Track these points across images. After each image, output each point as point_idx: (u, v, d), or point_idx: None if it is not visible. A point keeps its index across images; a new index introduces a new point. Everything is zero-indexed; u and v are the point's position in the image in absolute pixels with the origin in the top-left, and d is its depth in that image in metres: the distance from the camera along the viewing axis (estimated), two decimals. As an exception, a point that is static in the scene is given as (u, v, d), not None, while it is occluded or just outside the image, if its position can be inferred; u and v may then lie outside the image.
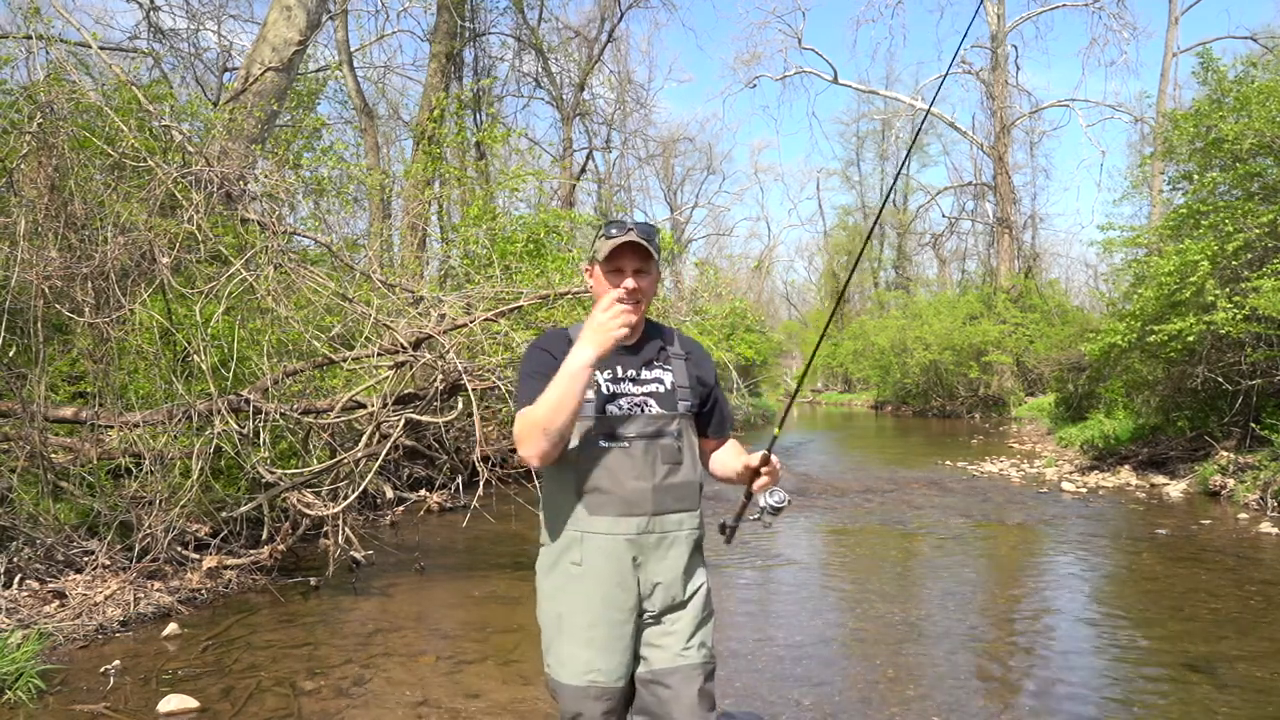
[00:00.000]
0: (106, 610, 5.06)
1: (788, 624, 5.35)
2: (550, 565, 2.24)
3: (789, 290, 61.85)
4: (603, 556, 2.16)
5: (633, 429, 2.18)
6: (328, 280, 6.44)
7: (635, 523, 2.16)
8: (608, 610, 2.16)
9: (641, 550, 2.17)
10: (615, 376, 2.23)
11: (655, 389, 2.25)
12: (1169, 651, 4.79)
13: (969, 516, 9.19)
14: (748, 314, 27.17)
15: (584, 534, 2.18)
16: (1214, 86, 11.44)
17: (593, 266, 2.28)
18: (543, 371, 2.15)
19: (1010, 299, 28.85)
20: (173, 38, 16.22)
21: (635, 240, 2.17)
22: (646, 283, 2.23)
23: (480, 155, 17.41)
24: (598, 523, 2.16)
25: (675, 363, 2.31)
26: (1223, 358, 10.60)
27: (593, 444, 2.17)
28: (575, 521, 2.18)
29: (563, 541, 2.21)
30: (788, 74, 36.29)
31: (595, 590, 2.16)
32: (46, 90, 5.87)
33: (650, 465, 2.18)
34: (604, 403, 2.19)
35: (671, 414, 2.24)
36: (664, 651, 2.18)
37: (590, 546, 2.17)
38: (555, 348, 2.20)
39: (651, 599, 2.19)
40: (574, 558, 2.19)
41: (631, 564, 2.17)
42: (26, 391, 5.62)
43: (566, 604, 2.19)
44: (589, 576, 2.17)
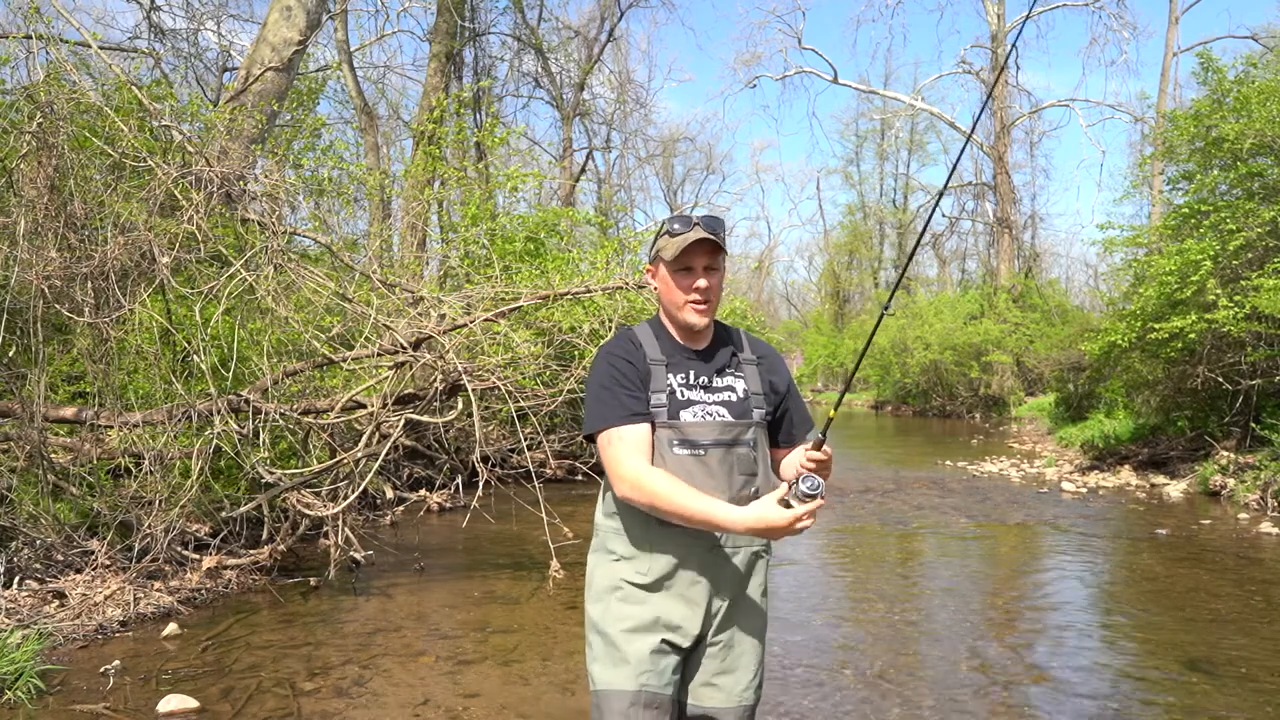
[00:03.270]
0: (106, 610, 5.06)
1: (788, 624, 5.35)
2: (610, 570, 2.12)
3: (789, 290, 61.90)
4: (672, 569, 2.06)
5: (708, 437, 2.07)
6: (328, 280, 6.43)
7: (708, 540, 2.06)
8: (668, 619, 2.05)
9: (715, 566, 2.07)
10: (688, 382, 2.11)
11: (728, 397, 2.13)
12: (1169, 651, 4.79)
13: (969, 516, 9.19)
14: (748, 314, 27.17)
15: (656, 546, 2.06)
16: (1214, 86, 11.43)
17: (656, 266, 2.15)
18: (627, 380, 2.05)
19: (1011, 299, 28.84)
20: (173, 38, 16.25)
21: (706, 236, 2.05)
22: (716, 280, 2.11)
23: (480, 155, 17.40)
24: (672, 535, 2.05)
25: (747, 369, 2.19)
26: (1223, 357, 10.59)
27: (667, 451, 2.05)
28: (645, 531, 2.07)
29: (627, 549, 2.10)
30: (788, 74, 36.31)
31: (654, 599, 2.06)
32: (46, 90, 5.87)
33: (727, 476, 2.07)
34: (678, 408, 2.07)
35: (746, 423, 2.12)
36: (722, 692, 2.09)
37: (660, 560, 2.06)
38: (631, 355, 2.10)
39: (715, 617, 2.09)
40: (640, 567, 2.08)
41: (700, 580, 2.07)
42: (26, 391, 5.62)
43: (625, 608, 2.06)
44: (656, 589, 2.06)
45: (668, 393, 2.08)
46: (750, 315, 31.18)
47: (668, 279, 2.11)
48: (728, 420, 2.10)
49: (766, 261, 56.47)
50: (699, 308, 2.10)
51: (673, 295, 2.11)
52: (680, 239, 2.06)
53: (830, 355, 43.76)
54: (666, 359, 2.11)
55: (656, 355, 2.11)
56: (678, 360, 2.12)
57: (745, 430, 2.11)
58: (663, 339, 2.16)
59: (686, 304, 2.10)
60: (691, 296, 2.09)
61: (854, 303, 49.77)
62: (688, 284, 2.09)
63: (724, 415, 2.10)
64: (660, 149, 41.74)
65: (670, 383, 2.09)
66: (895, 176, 49.34)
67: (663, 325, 2.19)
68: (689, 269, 2.09)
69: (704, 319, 2.11)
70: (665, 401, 2.07)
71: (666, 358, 2.12)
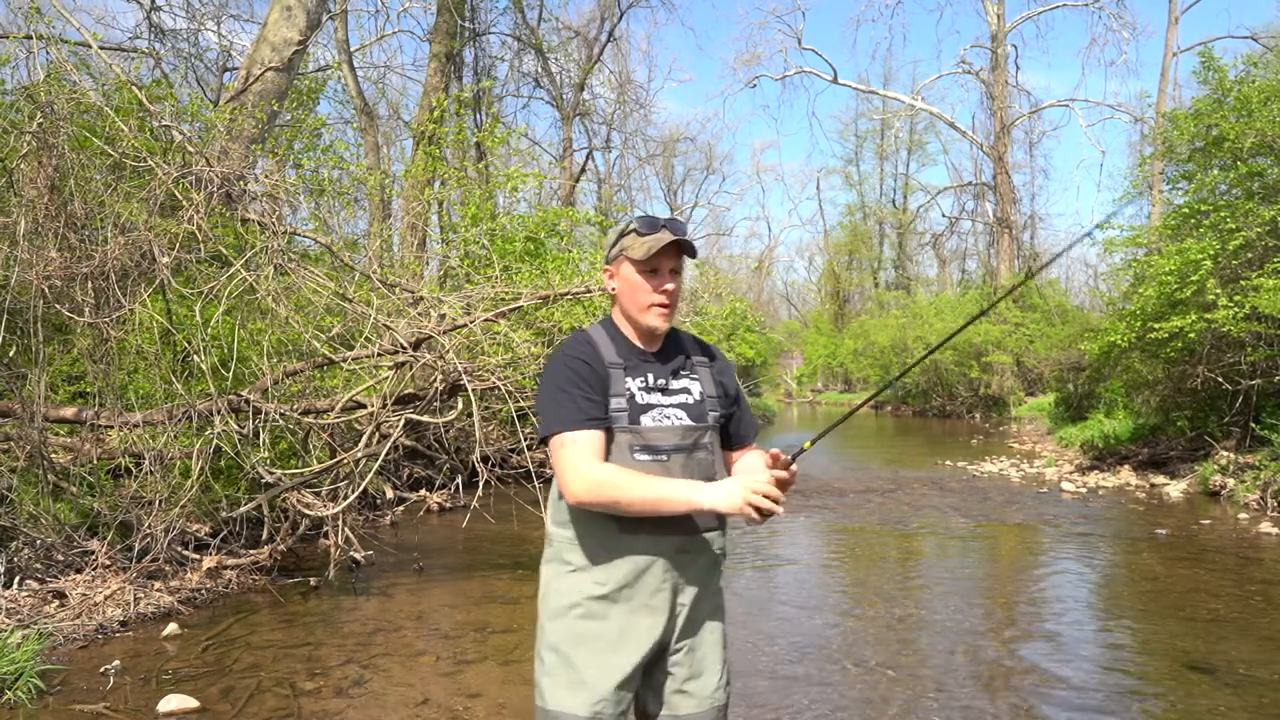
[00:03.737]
0: (106, 610, 5.06)
1: (788, 624, 5.35)
2: (567, 583, 2.05)
3: (789, 290, 61.89)
4: (633, 577, 2.01)
5: (669, 442, 2.03)
6: (328, 280, 6.44)
7: (674, 542, 2.02)
8: (627, 634, 2.00)
9: (678, 571, 2.04)
10: (647, 385, 2.07)
11: (684, 400, 2.10)
12: (1169, 651, 4.79)
13: (969, 516, 9.19)
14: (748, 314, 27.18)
15: (616, 553, 2.01)
16: (1215, 86, 11.43)
17: (616, 266, 2.11)
18: (585, 383, 2.00)
19: (1011, 298, 28.84)
20: (173, 38, 16.24)
21: (679, 239, 2.03)
22: (678, 283, 2.09)
23: (480, 156, 17.41)
24: (634, 542, 2.00)
25: (701, 371, 2.16)
26: (1223, 357, 10.59)
27: (627, 457, 2.00)
28: (606, 538, 2.01)
29: (584, 558, 2.04)
30: (788, 74, 36.36)
31: (620, 612, 2.01)
32: (46, 90, 5.87)
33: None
34: (638, 413, 2.03)
35: (704, 426, 2.10)
36: (694, 699, 2.06)
37: (620, 567, 2.01)
38: (590, 357, 2.04)
39: (677, 623, 2.06)
40: (599, 577, 2.01)
41: (664, 586, 2.03)
42: (26, 391, 5.62)
43: (584, 624, 2.01)
44: (617, 599, 2.01)
45: (627, 397, 2.03)
46: (750, 315, 31.21)
47: (632, 280, 2.06)
48: (687, 424, 2.07)
49: (766, 261, 56.50)
50: (664, 311, 2.06)
51: (636, 297, 2.06)
52: (651, 239, 2.02)
53: (830, 355, 43.75)
54: (624, 362, 2.07)
55: (614, 358, 2.06)
56: (635, 363, 2.08)
57: (704, 434, 2.09)
58: (619, 341, 2.11)
59: (651, 306, 2.05)
60: (657, 299, 2.05)
61: (854, 303, 49.78)
62: (654, 285, 2.04)
63: (683, 418, 2.07)
64: (660, 149, 41.75)
65: (629, 387, 2.05)
66: (895, 176, 49.42)
67: (617, 327, 2.14)
68: (655, 271, 2.05)
69: (667, 323, 2.07)
70: (625, 406, 2.02)
71: (624, 360, 2.07)
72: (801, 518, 9.24)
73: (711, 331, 15.17)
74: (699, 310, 11.19)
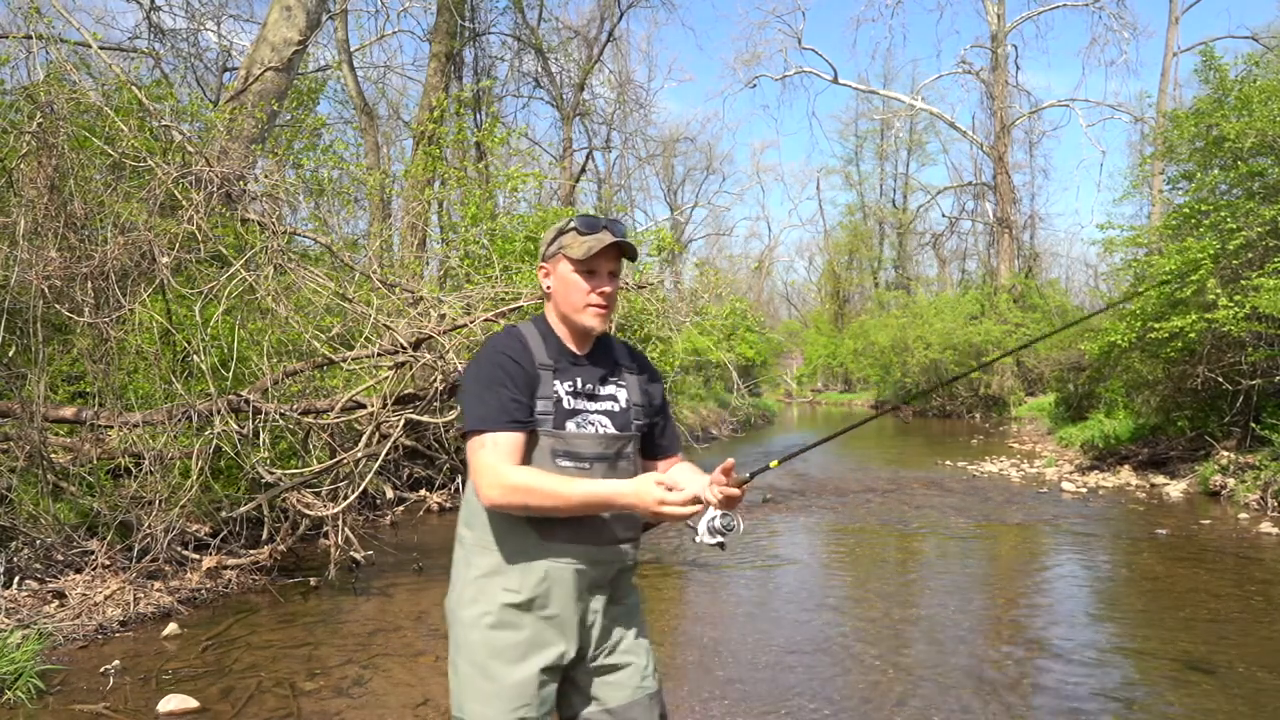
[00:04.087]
0: (106, 610, 5.06)
1: (788, 624, 5.35)
2: (475, 589, 2.00)
3: (789, 290, 61.86)
4: (546, 584, 1.96)
5: (592, 450, 2.00)
6: (328, 280, 6.44)
7: (588, 552, 1.99)
8: (541, 642, 1.96)
9: (590, 580, 2.00)
10: (575, 390, 2.03)
11: (610, 407, 2.06)
12: (1169, 651, 4.79)
13: (969, 516, 9.19)
14: (748, 314, 27.19)
15: (530, 559, 1.97)
16: (1216, 85, 11.43)
17: (554, 264, 2.06)
18: (513, 383, 1.95)
19: (1011, 299, 28.87)
20: (173, 38, 16.23)
21: (620, 242, 2.00)
22: (615, 286, 2.06)
23: (480, 156, 17.41)
24: (549, 548, 1.96)
25: (629, 379, 2.12)
26: (1223, 357, 10.59)
27: (548, 463, 1.96)
28: (520, 544, 1.97)
29: (494, 563, 1.99)
30: (788, 74, 36.34)
31: (532, 620, 1.97)
32: (46, 90, 5.87)
33: None
34: (563, 418, 1.99)
35: (628, 435, 2.07)
36: (618, 689, 2.04)
37: (533, 574, 1.97)
38: (521, 357, 2.00)
39: (590, 631, 2.03)
40: (510, 583, 1.97)
41: (576, 595, 1.99)
42: (26, 391, 5.62)
43: (495, 634, 1.96)
44: (528, 607, 1.96)
45: (554, 400, 1.99)
46: (750, 315, 31.22)
47: (569, 279, 2.03)
48: (611, 432, 2.04)
49: (766, 261, 56.45)
50: (600, 311, 2.03)
51: (572, 297, 2.02)
52: (591, 239, 1.99)
53: (830, 355, 43.77)
54: (554, 364, 2.03)
55: (545, 359, 2.02)
56: (565, 366, 2.04)
57: (626, 444, 2.06)
58: (550, 342, 2.06)
59: (588, 307, 2.02)
60: (594, 299, 2.01)
61: (854, 303, 49.78)
62: (592, 286, 2.01)
63: (607, 426, 2.04)
64: (660, 149, 41.68)
65: (557, 390, 2.01)
66: (895, 176, 49.39)
67: (550, 327, 2.09)
68: (593, 272, 2.02)
69: (604, 324, 2.05)
70: (551, 410, 1.98)
71: (554, 362, 2.03)
72: (801, 518, 9.24)
73: (712, 331, 15.17)
74: (699, 310, 11.17)
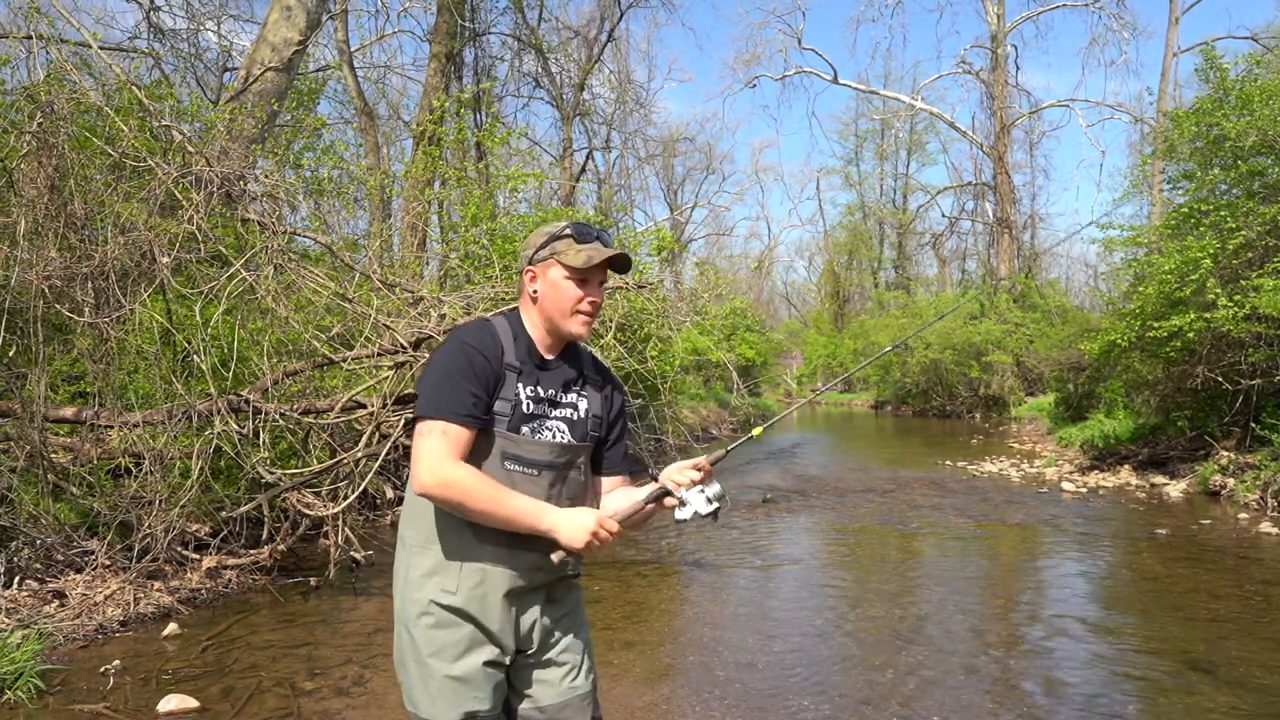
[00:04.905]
0: (106, 610, 5.06)
1: (788, 624, 5.35)
2: (417, 588, 1.98)
3: (789, 290, 61.83)
4: (482, 588, 1.95)
5: (543, 456, 1.98)
6: (328, 280, 6.44)
7: (528, 558, 1.96)
8: (479, 641, 1.96)
9: (526, 584, 1.99)
10: (536, 395, 2.01)
11: (569, 415, 2.05)
12: (1169, 651, 4.79)
13: (969, 516, 9.19)
14: (748, 314, 27.18)
15: (465, 560, 1.94)
16: (1217, 84, 11.43)
17: (542, 268, 2.03)
18: (477, 378, 1.93)
19: (1011, 299, 28.86)
20: (173, 38, 16.22)
21: (620, 255, 2.01)
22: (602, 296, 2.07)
23: (480, 156, 17.40)
24: (485, 551, 1.94)
25: (590, 390, 2.10)
26: (1223, 357, 10.59)
27: (497, 465, 1.94)
28: (460, 543, 1.95)
29: (432, 563, 1.97)
30: (788, 74, 36.35)
31: (465, 620, 1.95)
32: (47, 90, 5.87)
33: (555, 500, 1.98)
34: (519, 421, 1.97)
35: (583, 445, 2.06)
36: (551, 687, 2.03)
37: (469, 575, 1.94)
38: (489, 352, 1.97)
39: (529, 635, 2.02)
40: (447, 584, 1.95)
41: (510, 599, 1.97)
42: (26, 391, 5.62)
43: (434, 633, 1.95)
44: (465, 606, 1.95)
45: (513, 403, 1.96)
46: (750, 315, 31.22)
47: (561, 285, 2.01)
48: (567, 441, 2.02)
49: (766, 261, 56.45)
50: (588, 320, 2.02)
51: (561, 302, 2.01)
52: (590, 249, 1.98)
53: (830, 355, 43.75)
54: (520, 366, 2.00)
55: (512, 360, 2.00)
56: (531, 369, 2.02)
57: (580, 454, 2.05)
58: (520, 342, 2.03)
59: (575, 314, 2.01)
60: (584, 308, 2.01)
61: (854, 303, 49.78)
62: (584, 295, 2.01)
63: (564, 434, 2.03)
64: (660, 149, 41.65)
65: (519, 393, 1.98)
66: (895, 176, 49.38)
67: (524, 327, 2.07)
68: (587, 280, 2.01)
69: (588, 333, 2.05)
70: (509, 412, 1.95)
71: (520, 364, 2.01)
72: (801, 517, 9.24)
73: (712, 331, 15.15)
74: (699, 310, 11.16)
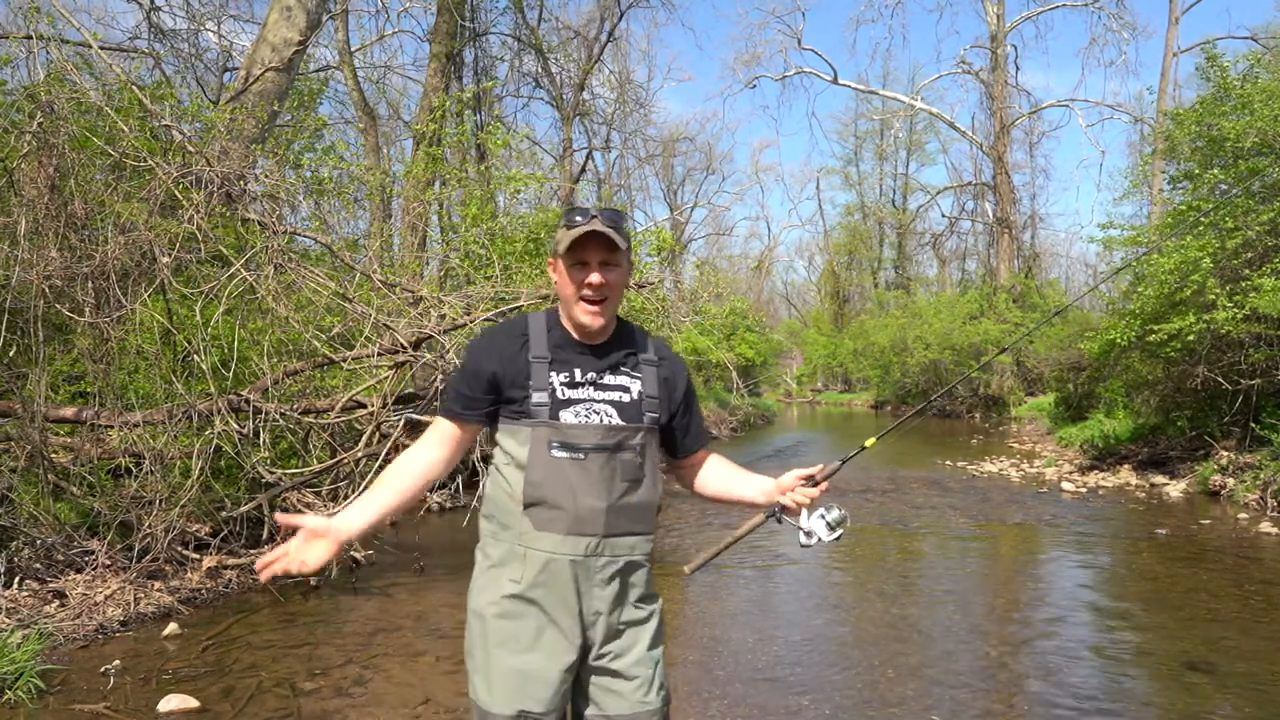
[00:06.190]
0: (106, 610, 5.06)
1: (788, 624, 5.35)
2: (487, 579, 2.03)
3: (789, 290, 61.81)
4: (545, 576, 1.96)
5: (590, 439, 1.97)
6: (328, 280, 6.44)
7: (584, 543, 1.96)
8: (545, 634, 1.97)
9: (587, 574, 1.97)
10: (572, 380, 2.00)
11: (618, 397, 2.02)
12: (1169, 651, 4.79)
13: (969, 516, 9.19)
14: (748, 314, 27.18)
15: (527, 550, 1.97)
16: (1217, 83, 11.43)
17: (556, 260, 2.03)
18: (472, 375, 2.03)
19: (1011, 299, 28.86)
20: (173, 38, 16.20)
21: (599, 230, 1.94)
22: (614, 276, 1.99)
23: (481, 156, 17.40)
24: (543, 539, 1.96)
25: (645, 370, 2.08)
26: (1223, 357, 10.59)
27: (544, 452, 1.96)
28: (519, 535, 1.98)
29: (501, 553, 2.01)
30: (787, 74, 36.33)
31: (532, 611, 1.97)
32: (47, 90, 5.88)
33: (607, 482, 1.97)
34: (558, 408, 1.97)
35: (635, 426, 2.02)
36: (621, 699, 2.00)
37: (533, 564, 1.97)
38: (493, 352, 2.03)
39: (595, 629, 2.00)
40: (513, 574, 1.99)
41: (575, 588, 1.97)
42: (27, 391, 5.62)
43: (501, 624, 1.98)
44: (532, 598, 1.97)
45: (549, 391, 1.98)
46: (750, 315, 31.22)
47: (563, 272, 2.01)
48: (613, 423, 2.00)
49: (766, 261, 56.41)
50: (591, 306, 1.99)
51: (565, 289, 2.01)
52: (574, 231, 1.95)
53: (830, 355, 43.76)
54: (550, 355, 2.01)
55: (541, 351, 2.01)
56: (565, 356, 2.02)
57: (633, 434, 2.01)
58: (554, 333, 2.05)
59: (579, 299, 1.99)
60: (583, 292, 1.98)
61: (854, 303, 49.79)
62: (580, 279, 1.97)
63: (611, 416, 2.00)
64: (660, 149, 41.60)
65: (552, 381, 1.99)
66: (894, 176, 49.40)
67: (558, 318, 2.09)
68: (583, 264, 1.98)
69: (597, 320, 2.00)
70: (547, 401, 1.97)
71: (551, 354, 2.01)
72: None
73: (712, 332, 15.16)
74: (699, 310, 11.18)
